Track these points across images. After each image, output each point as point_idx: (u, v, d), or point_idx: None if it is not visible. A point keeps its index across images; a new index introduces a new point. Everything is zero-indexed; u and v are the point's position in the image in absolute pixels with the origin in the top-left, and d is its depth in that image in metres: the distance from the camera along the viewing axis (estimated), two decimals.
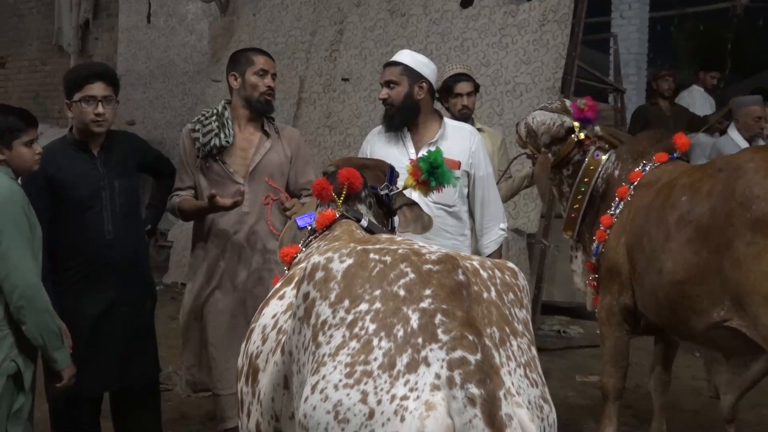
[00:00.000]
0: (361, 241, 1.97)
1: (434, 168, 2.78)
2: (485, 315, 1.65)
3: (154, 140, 10.21)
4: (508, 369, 1.60)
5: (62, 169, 3.45)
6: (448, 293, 1.62)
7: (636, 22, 10.08)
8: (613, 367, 3.80)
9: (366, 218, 2.52)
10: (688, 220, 3.34)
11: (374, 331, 1.60)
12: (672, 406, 4.52)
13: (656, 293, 3.48)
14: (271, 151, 3.79)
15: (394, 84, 3.64)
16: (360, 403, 1.54)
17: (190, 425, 4.58)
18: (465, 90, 4.69)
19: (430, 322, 1.58)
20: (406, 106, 3.63)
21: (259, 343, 2.06)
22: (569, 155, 4.06)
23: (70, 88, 3.48)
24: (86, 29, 11.55)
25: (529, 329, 1.78)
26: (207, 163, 3.74)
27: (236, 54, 3.90)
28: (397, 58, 3.72)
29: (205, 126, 3.72)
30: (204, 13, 9.68)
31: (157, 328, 6.57)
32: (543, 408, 1.66)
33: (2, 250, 3.00)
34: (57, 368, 3.15)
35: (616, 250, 3.70)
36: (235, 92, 3.80)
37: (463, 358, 1.53)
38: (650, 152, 3.84)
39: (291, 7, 8.12)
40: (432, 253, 1.72)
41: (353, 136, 7.17)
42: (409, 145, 3.64)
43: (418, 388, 1.52)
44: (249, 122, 3.79)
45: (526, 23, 6.45)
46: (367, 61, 7.37)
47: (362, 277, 1.69)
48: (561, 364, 5.81)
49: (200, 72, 9.60)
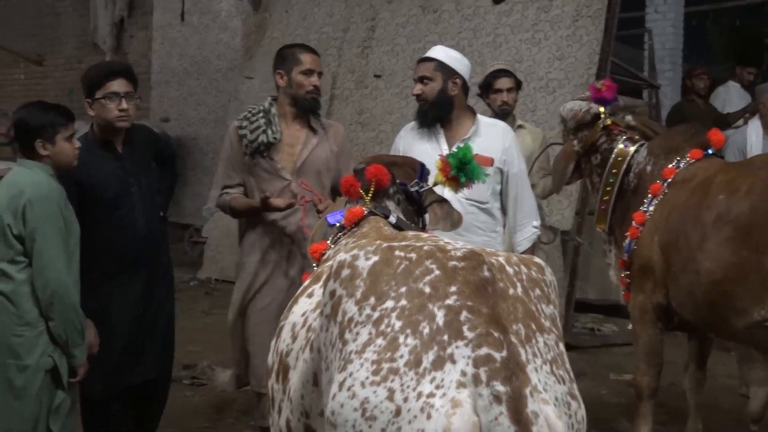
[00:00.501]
0: (387, 238, 1.98)
1: (463, 164, 2.78)
2: (511, 311, 1.64)
3: (188, 137, 10.34)
4: (534, 366, 1.60)
5: (91, 170, 3.45)
6: (474, 290, 1.62)
7: (671, 17, 9.96)
8: (647, 365, 3.77)
9: (394, 215, 2.52)
10: (727, 219, 3.30)
11: (400, 329, 1.60)
12: (707, 405, 4.47)
13: (693, 293, 3.44)
14: (317, 147, 3.80)
15: (427, 80, 3.63)
16: (387, 401, 1.55)
17: (225, 419, 4.63)
18: (505, 86, 4.68)
19: (455, 319, 1.58)
20: (440, 102, 3.62)
21: (289, 341, 2.07)
22: (596, 143, 4.01)
23: (90, 86, 3.51)
24: (121, 27, 11.68)
25: (556, 325, 1.77)
26: (254, 159, 3.75)
27: (283, 51, 3.90)
28: (431, 53, 3.71)
29: (252, 123, 3.74)
30: (237, 10, 9.74)
31: (191, 322, 6.72)
32: (570, 405, 1.65)
33: (37, 247, 3.05)
34: (74, 364, 3.19)
35: (649, 248, 3.66)
36: (282, 90, 3.81)
37: (489, 356, 1.52)
38: (684, 148, 3.77)
39: (323, 3, 8.14)
40: (457, 249, 1.72)
41: (385, 133, 7.17)
42: (442, 141, 3.62)
43: (444, 385, 1.52)
44: (295, 119, 3.81)
45: (559, 19, 6.41)
46: (399, 58, 7.37)
47: (388, 274, 1.69)
48: (595, 362, 5.78)
49: (233, 69, 9.66)
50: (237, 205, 3.80)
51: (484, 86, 4.75)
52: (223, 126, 9.27)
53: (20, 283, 3.09)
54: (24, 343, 3.08)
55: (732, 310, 3.30)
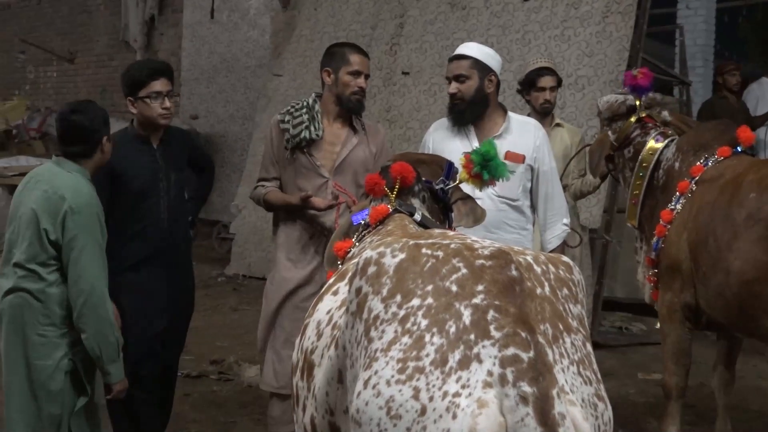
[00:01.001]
0: (413, 236, 1.97)
1: (487, 161, 2.75)
2: (538, 311, 1.63)
3: (217, 134, 10.40)
4: (561, 366, 1.58)
5: (125, 159, 3.59)
6: (501, 289, 1.60)
7: (702, 13, 9.85)
8: (675, 365, 3.74)
9: (419, 213, 2.51)
10: (758, 218, 3.26)
11: (426, 327, 1.59)
12: (736, 405, 4.42)
13: (723, 293, 3.40)
14: (357, 147, 3.79)
15: (464, 78, 3.57)
16: (412, 399, 1.54)
17: (251, 414, 4.65)
18: (548, 84, 4.67)
19: (482, 318, 1.57)
20: (477, 100, 3.58)
21: (314, 338, 2.06)
22: (630, 135, 3.98)
23: (133, 85, 3.61)
24: (152, 25, 11.79)
25: (584, 325, 1.75)
26: (294, 154, 3.75)
27: (332, 48, 3.87)
28: (465, 51, 3.65)
29: (295, 118, 3.73)
30: (266, 7, 9.79)
31: (219, 318, 6.78)
32: (597, 406, 1.63)
33: (74, 256, 3.07)
34: (109, 381, 3.19)
35: (677, 247, 3.63)
36: (327, 87, 3.79)
37: (516, 356, 1.51)
38: (713, 145, 3.72)
39: (352, 1, 8.16)
40: (485, 248, 1.70)
41: (413, 130, 7.17)
42: (473, 138, 3.59)
43: (470, 385, 1.51)
44: (338, 117, 3.79)
45: (588, 15, 6.36)
46: (427, 55, 7.36)
47: (414, 272, 1.68)
48: (623, 361, 5.73)
49: (262, 66, 9.70)
50: (272, 199, 3.80)
51: (525, 83, 4.73)
52: (252, 123, 9.34)
53: (50, 284, 3.10)
54: (47, 343, 3.09)
55: (762, 310, 3.26)
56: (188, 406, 4.74)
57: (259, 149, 8.51)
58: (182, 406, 4.72)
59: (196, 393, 4.96)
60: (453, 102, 3.63)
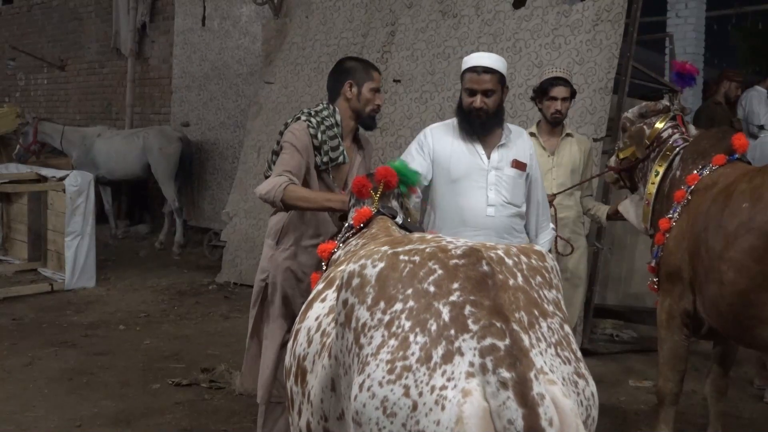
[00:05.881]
0: (394, 241, 2.04)
1: (403, 174, 2.87)
2: (512, 301, 1.73)
3: (208, 141, 10.39)
4: (538, 350, 1.68)
5: None
6: (475, 284, 1.71)
7: (692, 21, 9.91)
8: (671, 371, 3.74)
9: (401, 216, 2.63)
10: (750, 227, 3.26)
11: (410, 328, 1.69)
12: (727, 413, 4.43)
13: (717, 303, 3.41)
14: (360, 165, 3.79)
15: (491, 92, 3.53)
16: (404, 397, 1.63)
17: (242, 422, 4.64)
18: (560, 94, 4.69)
19: (460, 314, 1.66)
20: (498, 113, 3.59)
21: (305, 345, 2.15)
22: (661, 134, 3.99)
23: None
24: (143, 32, 11.77)
25: (560, 308, 1.86)
26: (320, 171, 3.65)
27: (350, 63, 3.81)
28: (492, 64, 3.55)
29: (331, 139, 3.61)
30: (257, 15, 9.78)
31: (210, 326, 6.76)
32: (578, 383, 1.74)
33: None
34: None
35: (676, 256, 3.64)
36: (346, 100, 3.70)
37: (493, 345, 1.60)
38: (710, 154, 3.74)
39: (343, 9, 8.16)
40: (458, 248, 1.81)
41: (404, 138, 7.17)
42: (479, 146, 3.61)
43: (455, 377, 1.61)
44: (349, 132, 3.76)
45: (579, 23, 6.38)
46: (418, 63, 7.37)
47: (394, 278, 1.78)
48: (613, 368, 5.74)
49: (253, 74, 9.70)
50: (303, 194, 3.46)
51: (539, 91, 4.75)
52: (243, 131, 9.33)
53: None
54: None
55: (757, 319, 3.27)
56: (179, 415, 4.72)
57: (250, 156, 8.52)
58: (173, 415, 4.71)
59: (187, 401, 4.95)
60: (475, 114, 3.55)
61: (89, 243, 8.04)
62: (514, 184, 3.63)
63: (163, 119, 11.41)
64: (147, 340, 6.30)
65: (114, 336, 6.40)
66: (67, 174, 8.17)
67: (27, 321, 6.83)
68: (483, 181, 3.58)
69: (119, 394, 5.04)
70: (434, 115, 7.07)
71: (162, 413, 4.74)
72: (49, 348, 5.98)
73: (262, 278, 3.77)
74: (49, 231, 8.47)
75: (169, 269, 9.15)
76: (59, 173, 8.36)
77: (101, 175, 10.00)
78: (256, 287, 3.80)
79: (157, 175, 10.03)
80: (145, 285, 8.33)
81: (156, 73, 11.71)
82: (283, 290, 3.70)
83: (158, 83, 11.65)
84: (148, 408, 4.81)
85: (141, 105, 11.83)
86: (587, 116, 6.08)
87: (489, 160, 3.60)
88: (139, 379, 5.33)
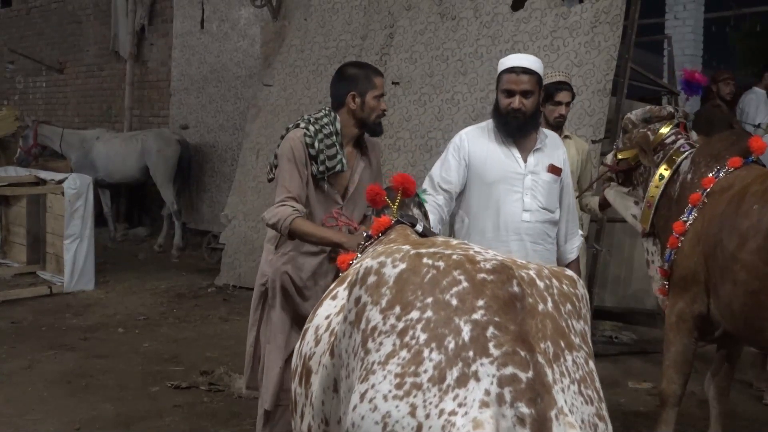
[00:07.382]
0: (415, 243, 1.93)
1: None
2: (539, 329, 1.60)
3: (207, 144, 10.39)
4: (561, 386, 1.55)
5: None
6: (502, 305, 1.58)
7: (691, 23, 9.92)
8: (676, 373, 3.73)
9: (421, 223, 2.50)
10: (759, 228, 3.27)
11: (425, 342, 1.57)
12: (728, 414, 4.42)
13: (731, 304, 3.41)
14: (364, 171, 3.70)
15: (530, 94, 3.47)
16: (409, 416, 1.51)
17: (241, 425, 4.63)
18: (565, 99, 4.68)
19: (481, 335, 1.54)
20: (535, 116, 3.54)
21: (312, 344, 2.05)
22: (665, 140, 3.96)
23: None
24: (142, 35, 11.77)
25: (586, 342, 1.73)
26: (318, 181, 3.59)
27: (352, 71, 3.67)
28: (529, 65, 3.50)
29: (329, 147, 3.54)
30: (256, 18, 9.79)
31: (209, 329, 6.75)
32: (597, 426, 1.61)
33: None
34: None
35: (691, 259, 3.62)
36: (349, 111, 3.61)
37: (514, 375, 1.48)
38: (724, 156, 3.71)
39: (342, 11, 8.17)
40: (487, 261, 1.67)
41: (403, 140, 7.18)
42: (514, 150, 3.55)
43: (467, 403, 1.48)
44: (351, 139, 3.67)
45: (577, 25, 6.39)
46: (417, 65, 7.37)
47: (414, 283, 1.65)
48: (613, 370, 5.74)
49: (252, 76, 9.70)
50: (307, 230, 3.42)
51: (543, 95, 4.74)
52: (242, 133, 9.33)
53: None
54: None
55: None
56: (178, 417, 4.72)
57: (249, 159, 8.51)
58: (172, 417, 4.70)
59: (186, 404, 4.94)
60: (512, 116, 3.48)
61: (88, 246, 8.03)
62: (549, 189, 3.55)
63: (162, 122, 11.41)
64: (146, 342, 6.30)
65: (113, 339, 6.40)
66: (66, 177, 8.17)
67: (26, 324, 6.82)
68: (519, 186, 3.50)
69: (118, 397, 5.03)
70: (432, 117, 7.07)
71: (161, 416, 4.73)
72: (47, 351, 5.97)
73: (262, 282, 3.76)
74: (47, 234, 8.47)
75: (168, 272, 9.15)
76: (58, 176, 8.35)
77: (100, 178, 10.00)
78: (257, 291, 3.80)
79: (155, 177, 10.03)
80: (144, 288, 8.32)
81: (155, 75, 11.71)
82: (282, 294, 3.69)
83: (157, 86, 11.64)
84: (147, 411, 4.81)
85: (140, 108, 11.83)
86: (586, 118, 6.08)
87: (525, 164, 3.52)
88: (138, 382, 5.32)
